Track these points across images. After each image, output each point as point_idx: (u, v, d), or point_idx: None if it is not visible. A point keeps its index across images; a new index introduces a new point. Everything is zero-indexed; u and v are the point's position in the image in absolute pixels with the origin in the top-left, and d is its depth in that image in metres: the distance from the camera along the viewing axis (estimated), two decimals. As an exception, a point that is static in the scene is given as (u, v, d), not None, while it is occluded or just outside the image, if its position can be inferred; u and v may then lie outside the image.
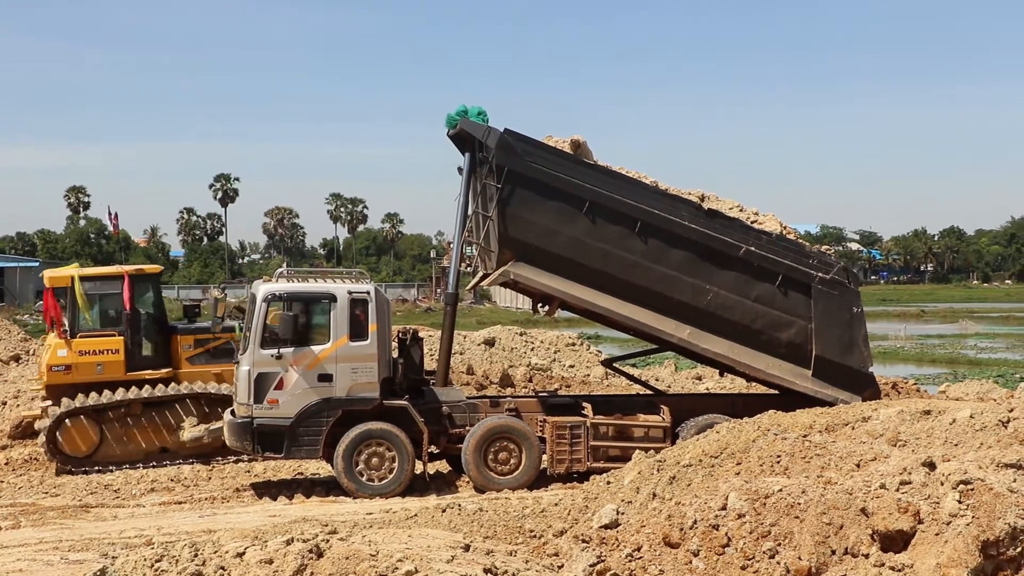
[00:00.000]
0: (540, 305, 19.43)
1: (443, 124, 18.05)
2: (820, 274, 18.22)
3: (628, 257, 17.83)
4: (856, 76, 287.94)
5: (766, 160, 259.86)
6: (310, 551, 7.85)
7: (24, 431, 21.23)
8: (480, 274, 19.10)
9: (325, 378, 16.86)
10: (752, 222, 18.52)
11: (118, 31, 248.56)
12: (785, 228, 18.92)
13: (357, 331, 17.06)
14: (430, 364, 19.21)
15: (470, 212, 18.27)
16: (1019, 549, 7.46)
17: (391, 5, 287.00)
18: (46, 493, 17.60)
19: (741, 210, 18.77)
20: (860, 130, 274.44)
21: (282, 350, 16.77)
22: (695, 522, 8.29)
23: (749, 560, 8.00)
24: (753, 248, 18.04)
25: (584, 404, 18.55)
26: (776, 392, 19.53)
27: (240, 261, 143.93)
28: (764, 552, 8.00)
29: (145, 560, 8.33)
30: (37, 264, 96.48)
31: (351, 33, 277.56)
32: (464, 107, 17.92)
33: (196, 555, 8.25)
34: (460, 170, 18.33)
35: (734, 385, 26.89)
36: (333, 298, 17.02)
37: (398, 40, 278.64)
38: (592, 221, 17.72)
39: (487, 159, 17.65)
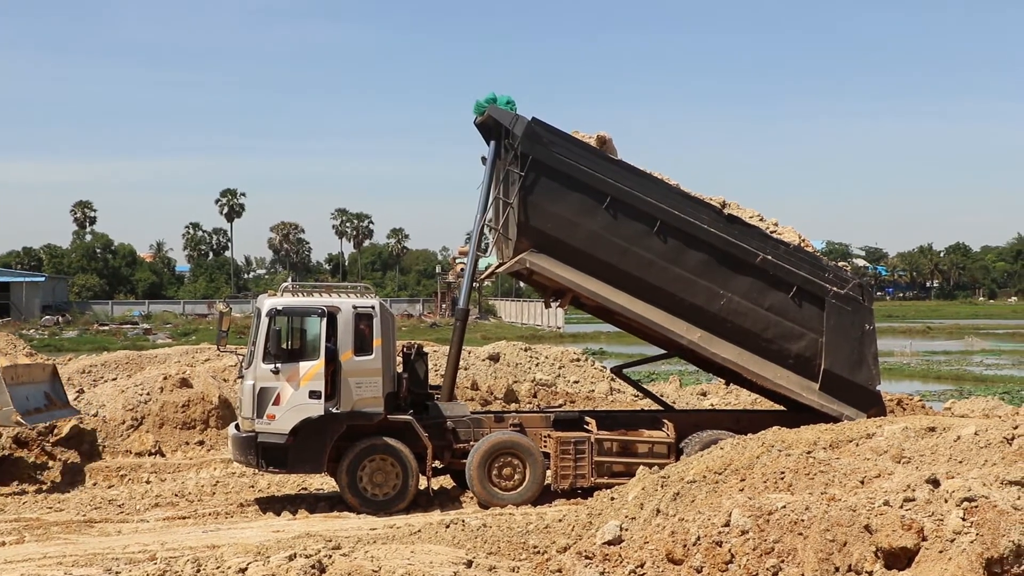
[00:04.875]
0: (552, 299, 19.40)
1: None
2: (835, 288, 18.19)
3: (645, 255, 17.83)
4: (862, 92, 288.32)
5: (771, 176, 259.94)
6: (313, 567, 7.86)
7: None
8: (496, 263, 19.07)
9: (328, 393, 16.85)
10: (771, 232, 18.53)
11: (125, 46, 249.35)
12: (803, 240, 18.92)
13: (362, 346, 17.06)
14: (435, 379, 19.21)
15: (491, 199, 18.30)
16: (1023, 567, 7.43)
17: (398, 21, 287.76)
18: (50, 508, 17.58)
19: (761, 219, 18.78)
20: (866, 146, 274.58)
21: (280, 365, 16.79)
22: (698, 538, 8.28)
23: (752, 577, 7.98)
24: (770, 257, 18.03)
25: (588, 419, 18.51)
26: (781, 408, 19.51)
27: (245, 276, 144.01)
28: (767, 569, 7.99)
29: (148, 575, 8.35)
30: (43, 279, 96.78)
31: (357, 49, 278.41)
32: (493, 95, 18.02)
33: (199, 570, 8.26)
34: (484, 160, 18.38)
35: (739, 401, 26.86)
36: (338, 312, 17.02)
37: (405, 56, 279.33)
38: (612, 216, 17.73)
39: (512, 146, 17.71)
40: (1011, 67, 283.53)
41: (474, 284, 19.64)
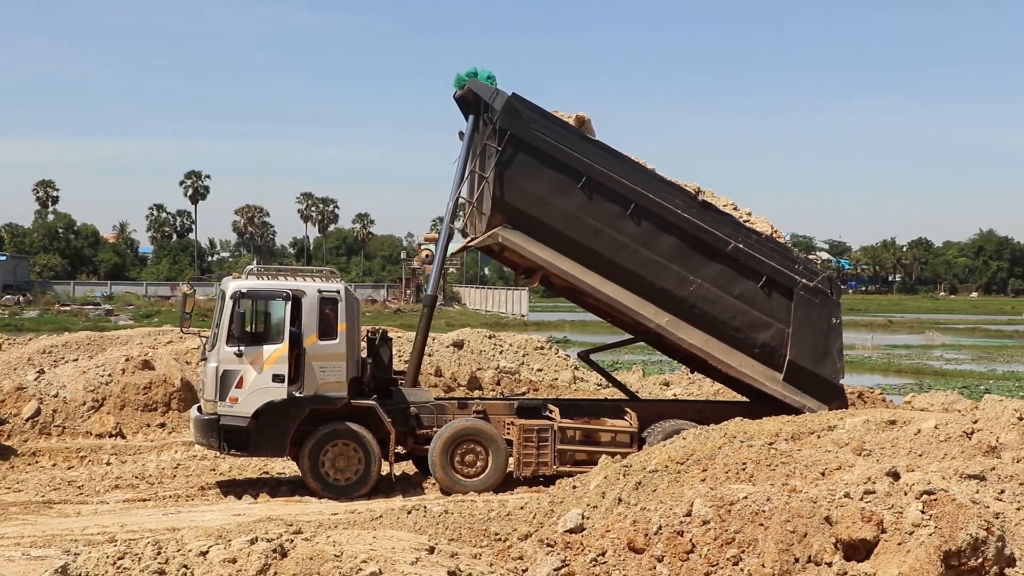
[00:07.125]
0: (522, 276, 19.43)
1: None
2: (804, 280, 18.28)
3: (618, 237, 17.86)
4: (827, 87, 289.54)
5: (736, 169, 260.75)
6: (274, 551, 7.82)
7: None
8: (468, 237, 19.07)
9: (291, 377, 16.79)
10: (744, 221, 18.59)
11: (91, 27, 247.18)
12: (775, 231, 19.00)
13: (326, 330, 17.00)
14: (399, 365, 19.17)
15: (467, 173, 18.26)
16: (980, 560, 7.51)
17: (369, 7, 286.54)
18: (8, 488, 17.43)
19: (735, 208, 18.85)
20: (831, 140, 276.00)
21: (244, 348, 16.71)
22: (660, 528, 8.30)
23: (713, 567, 8.01)
24: (741, 245, 18.10)
25: (551, 407, 18.53)
26: (744, 399, 19.59)
27: (209, 259, 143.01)
28: (728, 559, 8.02)
29: (108, 557, 8.27)
30: (4, 258, 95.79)
31: (326, 34, 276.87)
32: (474, 69, 18.00)
33: (159, 553, 8.19)
34: (461, 135, 18.34)
35: (701, 392, 26.96)
36: (303, 296, 16.95)
37: (373, 43, 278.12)
38: (587, 196, 17.74)
39: (491, 121, 17.69)
40: (977, 67, 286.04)
41: (444, 259, 19.54)
